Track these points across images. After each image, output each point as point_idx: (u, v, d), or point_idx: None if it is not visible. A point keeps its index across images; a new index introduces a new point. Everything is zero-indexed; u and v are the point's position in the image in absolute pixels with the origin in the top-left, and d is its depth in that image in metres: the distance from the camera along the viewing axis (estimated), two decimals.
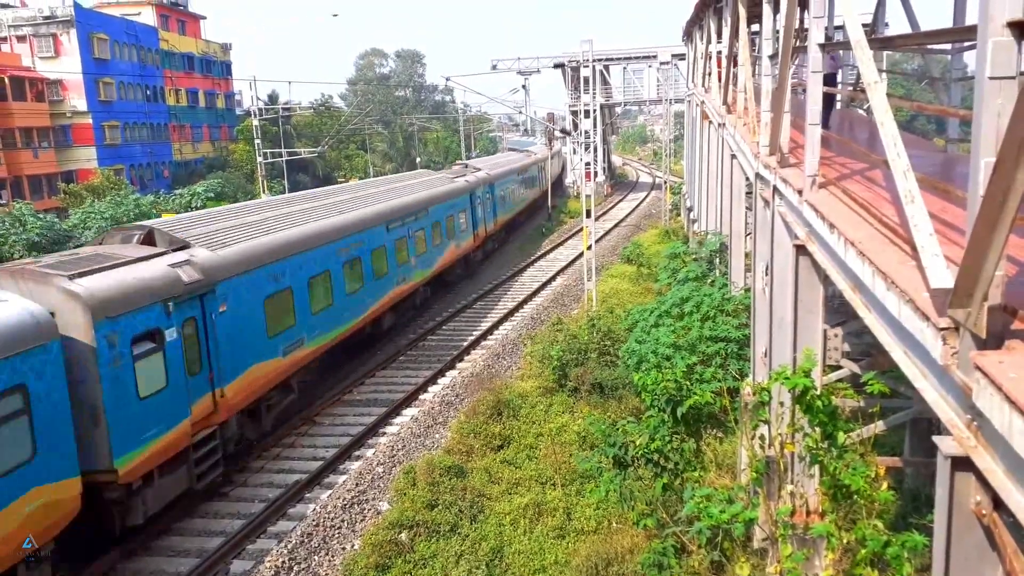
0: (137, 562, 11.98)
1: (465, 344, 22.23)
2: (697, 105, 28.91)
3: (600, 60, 56.22)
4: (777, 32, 11.00)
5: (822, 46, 7.16)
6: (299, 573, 11.22)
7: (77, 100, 54.10)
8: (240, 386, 13.92)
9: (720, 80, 20.39)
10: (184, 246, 13.57)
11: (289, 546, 11.71)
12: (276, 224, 16.51)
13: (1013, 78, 3.34)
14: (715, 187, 21.78)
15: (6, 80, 48.92)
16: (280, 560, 11.33)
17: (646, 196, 61.18)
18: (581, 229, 31.22)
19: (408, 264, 22.74)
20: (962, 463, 3.68)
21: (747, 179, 13.99)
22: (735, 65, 17.30)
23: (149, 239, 13.72)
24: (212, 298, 13.22)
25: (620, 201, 58.84)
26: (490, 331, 23.70)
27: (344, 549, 11.87)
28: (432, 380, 19.35)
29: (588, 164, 25.59)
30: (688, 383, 12.96)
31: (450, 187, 28.71)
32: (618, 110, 75.92)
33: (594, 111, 26.88)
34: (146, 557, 12.13)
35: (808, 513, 6.88)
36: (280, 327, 15.35)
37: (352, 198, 21.34)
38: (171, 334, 12.09)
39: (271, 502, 13.37)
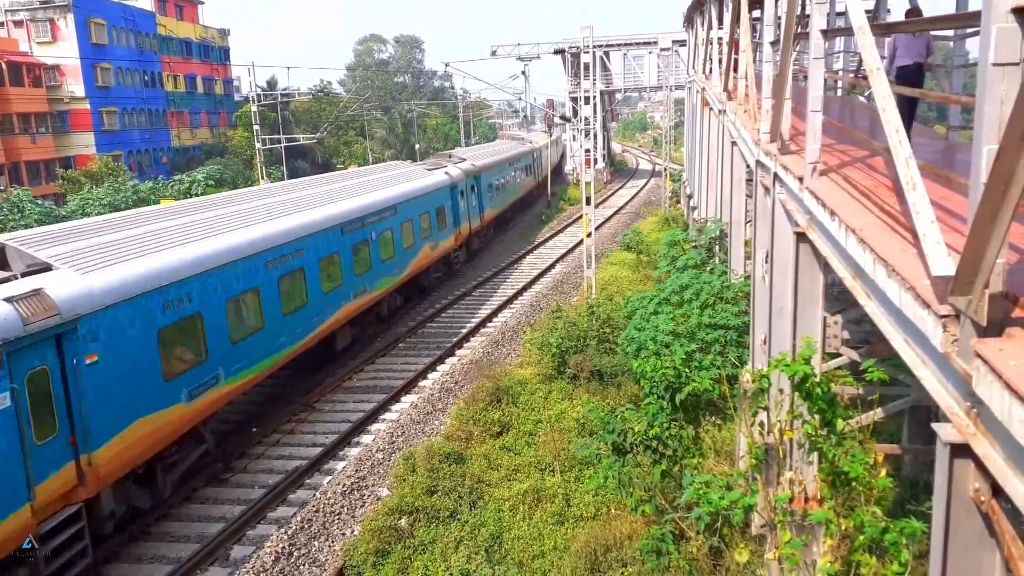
0: (137, 547, 12.05)
1: (464, 331, 22.26)
2: (697, 92, 28.79)
3: (600, 46, 55.97)
4: (779, 18, 10.94)
5: (824, 32, 7.12)
6: (299, 558, 11.28)
7: (75, 85, 53.91)
8: (120, 448, 10.96)
9: (721, 67, 20.30)
10: (44, 268, 10.86)
11: (289, 532, 11.77)
12: (182, 235, 13.57)
13: (1016, 64, 3.32)
14: (715, 174, 21.73)
15: (3, 65, 48.69)
16: (280, 546, 11.40)
17: (646, 183, 61.11)
18: (580, 216, 31.17)
19: (369, 273, 20.02)
20: (961, 450, 3.69)
21: (747, 166, 13.95)
22: (736, 51, 17.21)
23: None
24: (74, 339, 10.25)
25: (620, 188, 58.76)
26: (489, 318, 23.72)
27: (344, 535, 11.93)
28: (431, 367, 19.39)
29: (588, 151, 25.50)
30: (687, 370, 12.98)
31: (426, 181, 25.98)
32: (618, 97, 75.64)
33: (594, 97, 26.72)
34: (146, 542, 12.20)
35: (807, 500, 6.90)
36: (183, 365, 12.48)
37: (298, 198, 18.58)
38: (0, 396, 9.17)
39: (271, 488, 13.42)
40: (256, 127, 44.44)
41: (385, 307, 22.53)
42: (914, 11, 9.48)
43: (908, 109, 9.31)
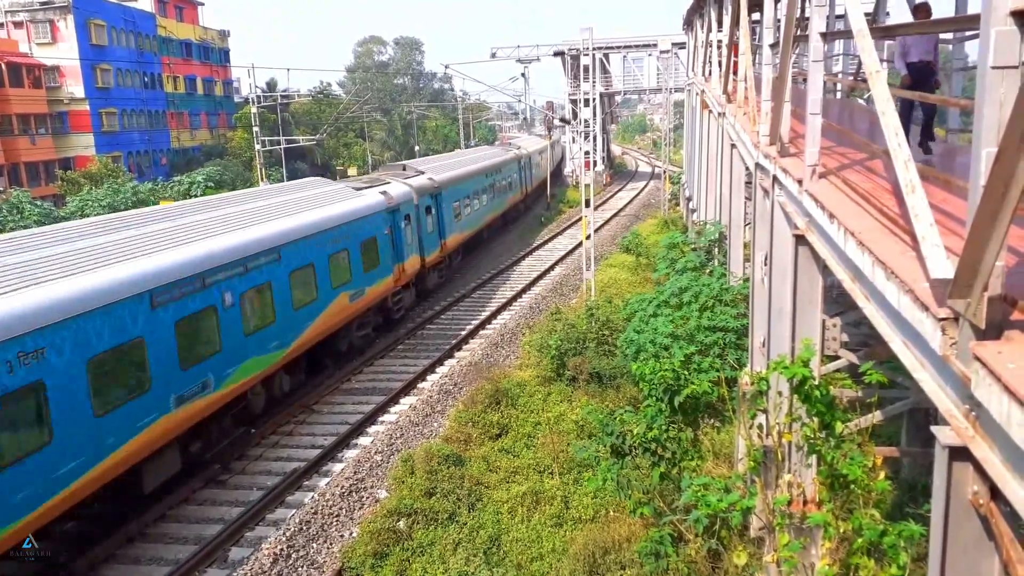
0: (135, 548, 12.03)
1: (464, 333, 22.25)
2: (697, 94, 28.82)
3: (600, 48, 55.99)
4: (778, 21, 10.95)
5: (823, 35, 7.12)
6: (297, 560, 11.26)
7: (74, 86, 53.94)
8: None
9: (720, 69, 20.32)
10: None
11: (287, 533, 11.75)
12: None
13: (1016, 68, 3.32)
14: (714, 177, 21.75)
15: (3, 66, 48.71)
16: (279, 547, 11.38)
17: (645, 185, 61.13)
18: (580, 218, 31.16)
19: (215, 358, 13.28)
20: (960, 453, 3.68)
21: (747, 169, 13.96)
22: (736, 54, 17.22)
23: None
24: None
25: (619, 191, 58.78)
26: (489, 320, 23.72)
27: (342, 536, 11.92)
28: (431, 369, 19.38)
29: (587, 153, 25.49)
30: (686, 372, 12.97)
31: (344, 207, 18.89)
32: (618, 99, 75.61)
33: (593, 100, 26.74)
34: (144, 544, 12.18)
35: (805, 502, 6.89)
36: None
37: (54, 255, 11.12)
38: None
39: (269, 490, 13.40)
40: (256, 128, 44.43)
41: (259, 400, 15.73)
42: (923, 7, 9.31)
43: (925, 106, 9.02)
